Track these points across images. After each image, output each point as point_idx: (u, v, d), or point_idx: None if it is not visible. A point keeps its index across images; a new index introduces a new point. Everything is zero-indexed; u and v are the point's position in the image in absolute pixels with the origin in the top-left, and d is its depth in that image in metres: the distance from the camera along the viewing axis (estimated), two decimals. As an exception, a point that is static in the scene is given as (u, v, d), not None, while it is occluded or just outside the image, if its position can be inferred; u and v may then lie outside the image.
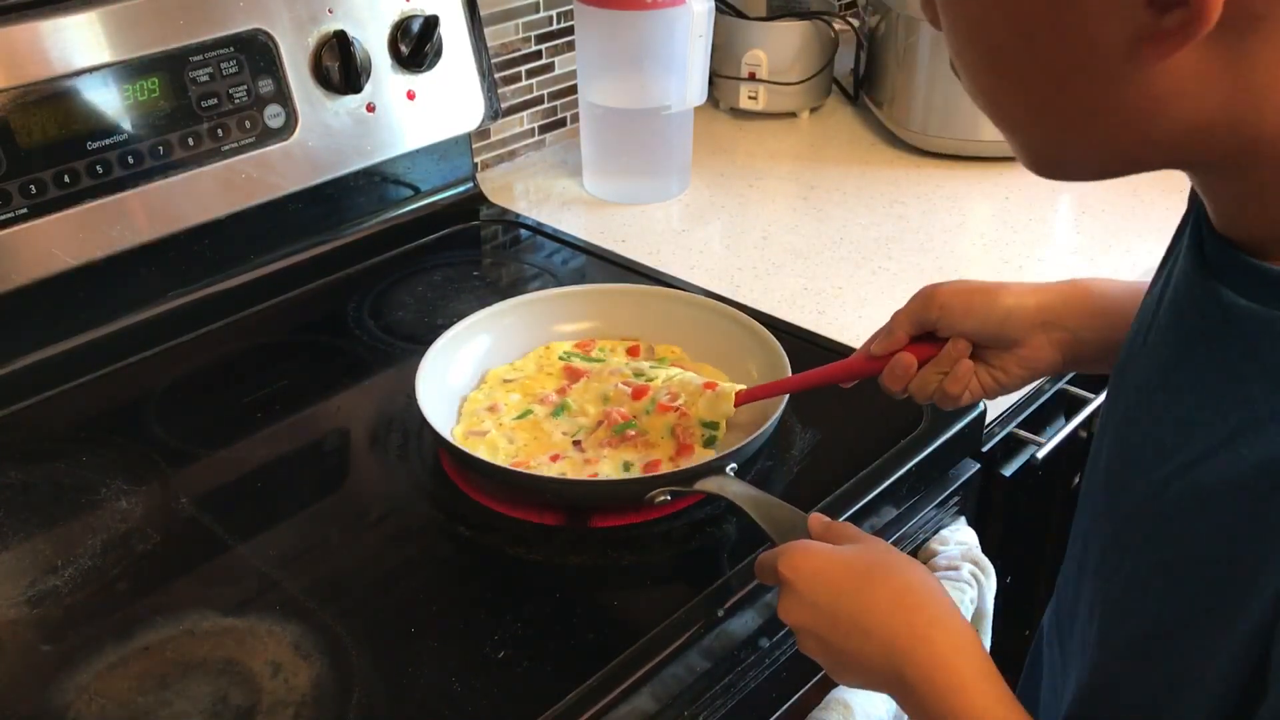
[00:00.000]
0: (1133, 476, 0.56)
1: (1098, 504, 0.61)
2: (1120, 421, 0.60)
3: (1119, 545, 0.58)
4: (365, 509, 0.87)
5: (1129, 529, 0.57)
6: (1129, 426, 0.59)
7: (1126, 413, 0.60)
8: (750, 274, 1.17)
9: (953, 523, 0.97)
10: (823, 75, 1.53)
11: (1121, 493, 0.58)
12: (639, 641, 0.73)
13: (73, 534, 0.83)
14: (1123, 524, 0.57)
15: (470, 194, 1.29)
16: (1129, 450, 0.58)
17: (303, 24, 1.07)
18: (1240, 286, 0.50)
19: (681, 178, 1.35)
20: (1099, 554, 0.60)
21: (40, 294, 0.97)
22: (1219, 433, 0.50)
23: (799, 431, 0.91)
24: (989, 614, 0.96)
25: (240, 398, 0.98)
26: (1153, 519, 0.54)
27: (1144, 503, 0.55)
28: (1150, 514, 0.54)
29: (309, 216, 1.15)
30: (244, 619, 0.75)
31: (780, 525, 0.74)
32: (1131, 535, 0.56)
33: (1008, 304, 0.76)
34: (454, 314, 1.02)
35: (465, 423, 0.91)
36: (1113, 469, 0.59)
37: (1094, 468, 0.62)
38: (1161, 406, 0.55)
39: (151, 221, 1.01)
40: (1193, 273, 0.54)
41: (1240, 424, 0.49)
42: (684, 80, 1.26)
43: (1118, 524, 0.58)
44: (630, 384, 0.91)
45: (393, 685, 0.71)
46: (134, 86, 0.98)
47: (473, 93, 1.22)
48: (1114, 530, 0.59)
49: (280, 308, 1.12)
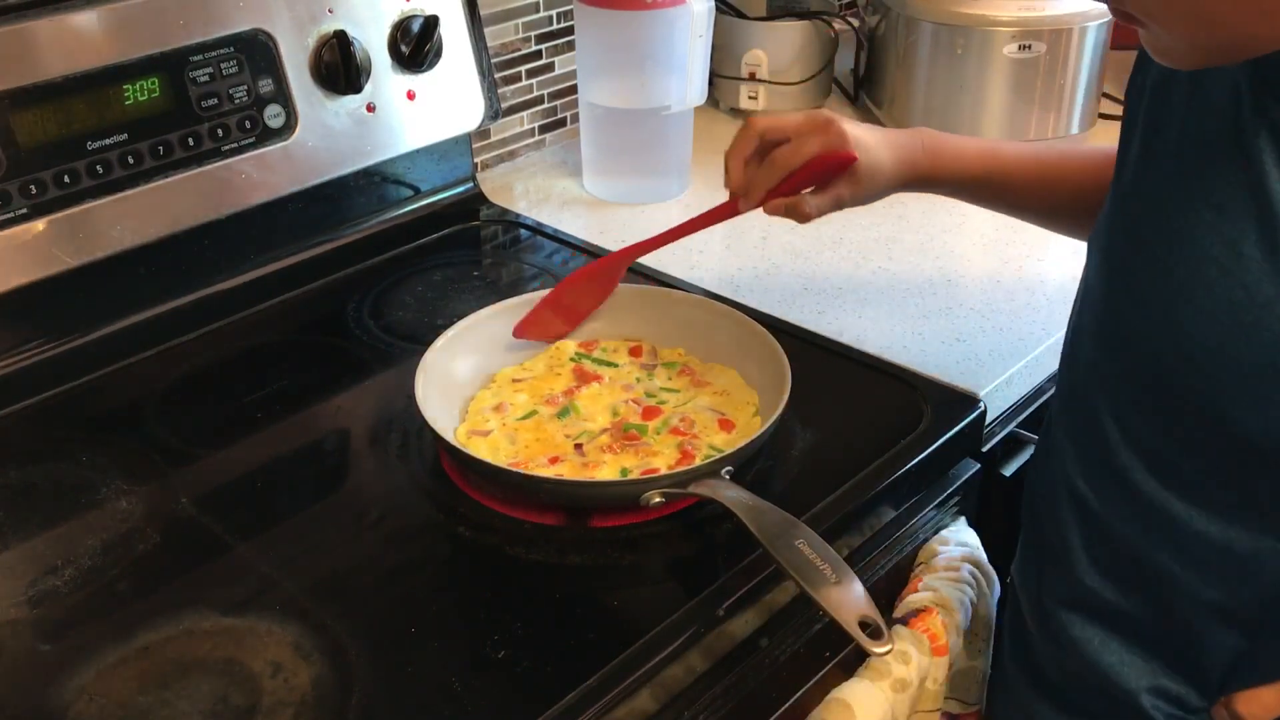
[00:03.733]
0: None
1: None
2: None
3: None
4: (365, 509, 0.87)
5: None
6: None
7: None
8: (750, 274, 1.17)
9: (953, 523, 0.97)
10: (823, 75, 1.53)
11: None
12: (639, 641, 0.73)
13: (73, 534, 0.83)
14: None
15: (470, 194, 1.29)
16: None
17: (303, 24, 1.07)
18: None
19: (681, 178, 1.35)
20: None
21: (40, 294, 0.97)
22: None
23: (799, 431, 0.91)
24: (992, 621, 0.96)
25: (240, 398, 0.98)
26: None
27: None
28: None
29: (309, 216, 1.15)
30: (244, 619, 0.75)
31: (771, 531, 0.74)
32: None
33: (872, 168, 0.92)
34: (454, 314, 1.02)
35: (470, 422, 0.91)
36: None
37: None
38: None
39: (151, 221, 1.01)
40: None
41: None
42: (684, 80, 1.26)
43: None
44: (641, 403, 0.91)
45: (393, 685, 0.71)
46: (134, 86, 0.98)
47: (473, 93, 1.22)
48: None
49: (280, 308, 1.12)
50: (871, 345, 1.04)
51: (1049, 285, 1.13)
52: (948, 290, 1.14)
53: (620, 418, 0.91)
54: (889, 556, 0.92)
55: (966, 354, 1.03)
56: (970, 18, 1.34)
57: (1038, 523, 0.87)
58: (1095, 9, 1.35)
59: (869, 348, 1.03)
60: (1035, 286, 1.13)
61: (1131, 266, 0.74)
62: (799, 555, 0.72)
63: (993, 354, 1.03)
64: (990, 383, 0.99)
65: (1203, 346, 0.69)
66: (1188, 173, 0.70)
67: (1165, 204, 0.71)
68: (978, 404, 0.96)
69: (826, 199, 0.92)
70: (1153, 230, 0.71)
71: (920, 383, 0.98)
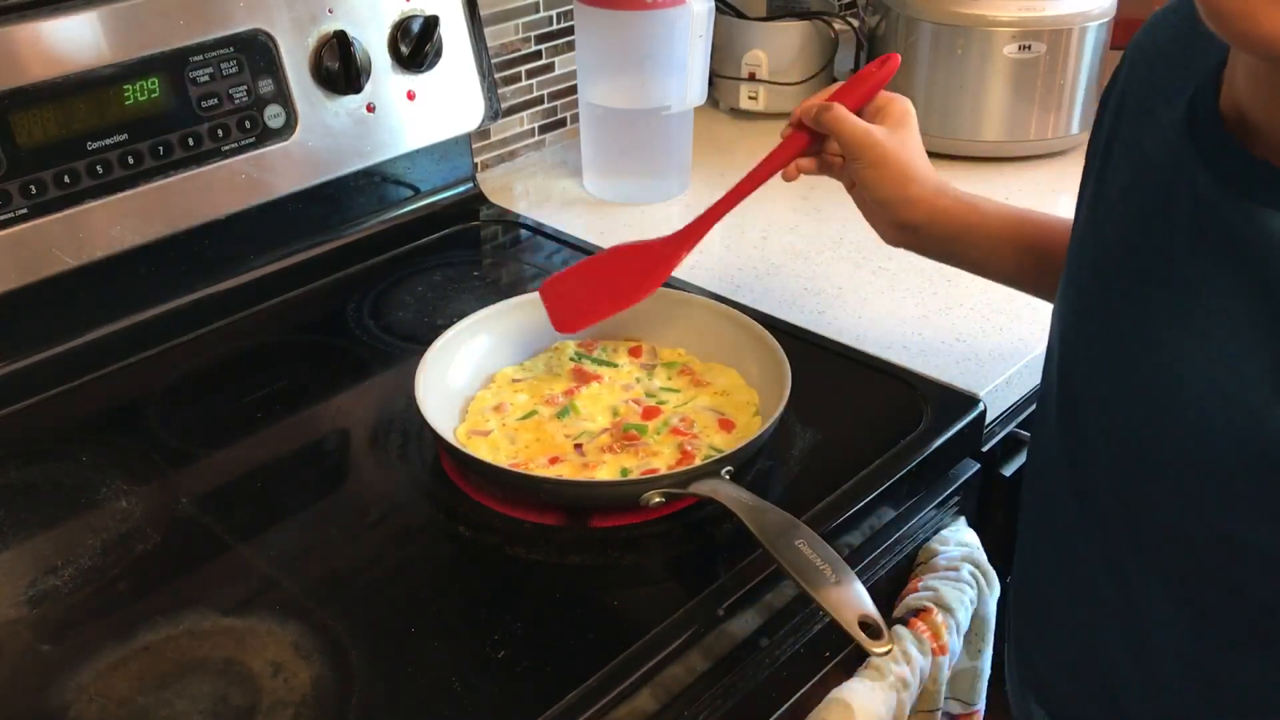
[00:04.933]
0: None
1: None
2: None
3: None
4: (365, 509, 0.87)
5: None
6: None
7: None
8: (750, 274, 1.17)
9: (953, 523, 0.97)
10: (823, 75, 1.53)
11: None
12: (639, 641, 0.73)
13: (73, 534, 0.83)
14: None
15: (470, 194, 1.29)
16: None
17: (303, 24, 1.07)
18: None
19: (681, 178, 1.35)
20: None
21: (40, 294, 0.97)
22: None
23: (799, 431, 0.91)
24: (991, 621, 0.96)
25: (240, 398, 0.98)
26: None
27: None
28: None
29: (309, 216, 1.15)
30: (244, 619, 0.75)
31: (771, 531, 0.74)
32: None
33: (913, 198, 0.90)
34: (454, 314, 1.02)
35: (470, 422, 0.91)
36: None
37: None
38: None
39: (151, 221, 1.01)
40: (1215, 194, 0.60)
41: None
42: (684, 80, 1.26)
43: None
44: (641, 403, 0.91)
45: (393, 685, 0.71)
46: (134, 86, 0.98)
47: (473, 93, 1.22)
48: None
49: (280, 308, 1.12)
50: (871, 345, 1.04)
51: (1049, 285, 1.13)
52: (948, 290, 1.14)
53: (620, 418, 0.91)
54: (889, 556, 0.92)
55: (966, 354, 1.03)
56: (970, 18, 1.34)
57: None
58: (1095, 9, 1.35)
59: (869, 348, 1.03)
60: (1035, 286, 1.13)
61: (1081, 328, 0.73)
62: (799, 555, 0.72)
63: (993, 354, 1.04)
64: (990, 383, 0.99)
65: (1127, 424, 0.68)
66: (1126, 236, 0.68)
67: (1105, 265, 0.69)
68: (978, 404, 0.96)
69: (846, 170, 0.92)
70: (1097, 293, 0.70)
71: (920, 383, 0.98)
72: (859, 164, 0.90)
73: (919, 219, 0.91)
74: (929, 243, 0.94)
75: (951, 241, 0.93)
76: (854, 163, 0.90)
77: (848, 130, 0.89)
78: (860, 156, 0.89)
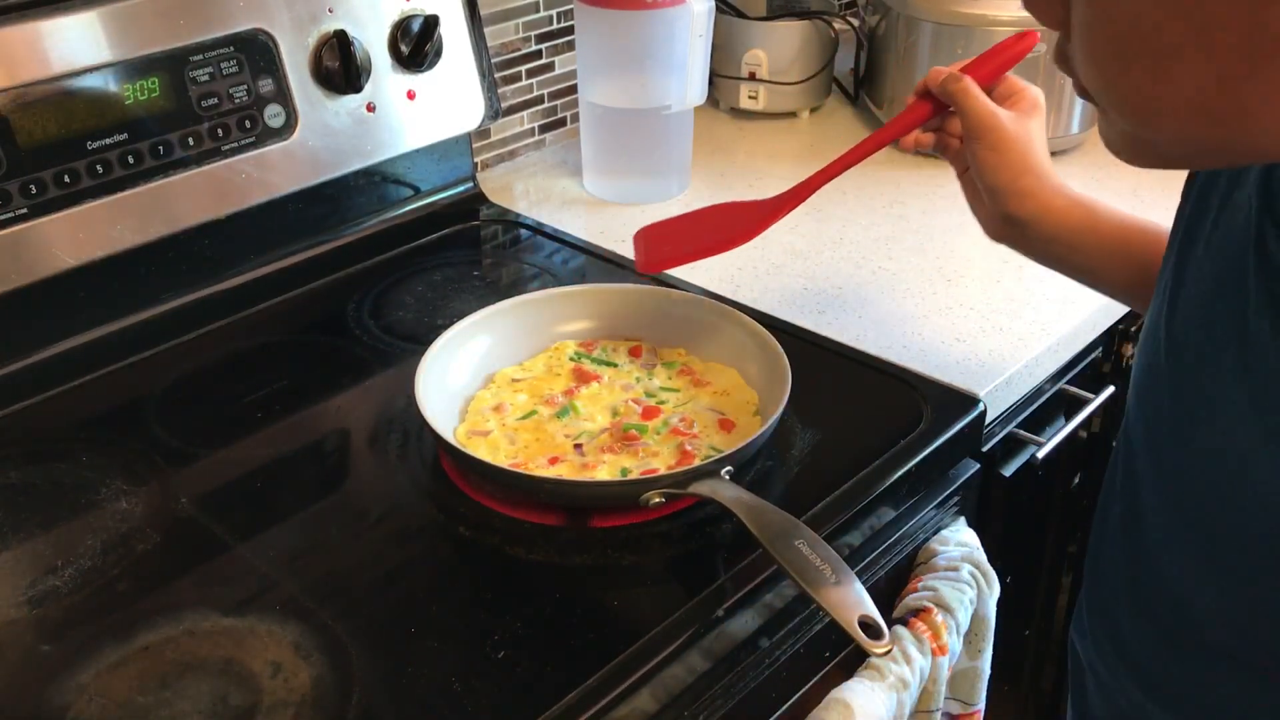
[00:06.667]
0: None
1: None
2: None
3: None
4: (365, 509, 0.87)
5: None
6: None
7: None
8: (750, 274, 1.17)
9: (953, 523, 0.97)
10: (823, 75, 1.53)
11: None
12: (639, 641, 0.73)
13: (73, 534, 0.83)
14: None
15: (470, 194, 1.29)
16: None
17: (303, 24, 1.07)
18: None
19: (681, 178, 1.35)
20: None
21: (40, 294, 0.97)
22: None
23: (799, 431, 0.92)
24: (991, 621, 0.96)
25: (240, 398, 0.98)
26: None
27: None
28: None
29: (309, 216, 1.15)
30: (244, 619, 0.75)
31: (771, 531, 0.74)
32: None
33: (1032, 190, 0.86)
34: (454, 314, 1.02)
35: (469, 422, 0.91)
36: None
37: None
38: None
39: (151, 221, 1.01)
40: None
41: None
42: (684, 80, 1.26)
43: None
44: (641, 403, 0.91)
45: (393, 685, 0.71)
46: (134, 86, 0.98)
47: (473, 93, 1.22)
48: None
49: (280, 308, 1.12)
50: (871, 345, 1.04)
51: (1049, 285, 1.13)
52: (948, 290, 1.14)
53: (620, 418, 0.91)
54: (889, 556, 0.92)
55: (966, 354, 1.03)
56: (970, 18, 1.34)
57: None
58: (1095, 9, 1.34)
59: (869, 348, 1.03)
60: (1035, 286, 1.13)
61: (1153, 385, 0.67)
62: (799, 555, 0.72)
63: (993, 354, 1.04)
64: (990, 383, 0.99)
65: (1190, 490, 0.63)
66: (1204, 300, 0.62)
67: (1184, 331, 0.64)
68: (978, 404, 0.96)
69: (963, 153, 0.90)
70: (1171, 355, 0.65)
71: (920, 383, 0.98)
72: (978, 144, 0.85)
73: (1027, 214, 0.86)
74: (1034, 242, 0.89)
75: (1056, 244, 0.87)
76: (973, 142, 0.85)
77: (973, 105, 0.85)
78: (981, 137, 0.85)
